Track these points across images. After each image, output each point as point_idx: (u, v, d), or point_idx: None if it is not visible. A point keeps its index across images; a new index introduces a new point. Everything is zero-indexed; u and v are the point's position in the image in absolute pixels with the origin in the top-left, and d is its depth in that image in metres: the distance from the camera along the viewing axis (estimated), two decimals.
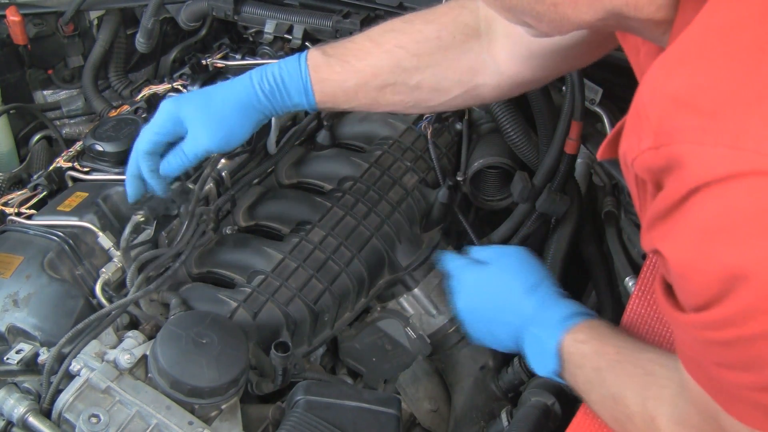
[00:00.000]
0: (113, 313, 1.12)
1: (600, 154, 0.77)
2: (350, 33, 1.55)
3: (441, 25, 1.16)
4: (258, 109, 1.19)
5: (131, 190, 1.22)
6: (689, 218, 0.59)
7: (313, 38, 1.63)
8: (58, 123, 1.92)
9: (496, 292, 1.11)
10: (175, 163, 1.19)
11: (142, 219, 1.21)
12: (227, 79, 1.55)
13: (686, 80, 0.61)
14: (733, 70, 0.59)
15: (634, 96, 0.65)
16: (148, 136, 1.18)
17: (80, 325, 1.08)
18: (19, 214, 1.28)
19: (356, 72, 1.18)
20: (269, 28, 1.63)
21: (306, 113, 1.55)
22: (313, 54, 1.19)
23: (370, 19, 1.55)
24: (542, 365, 1.04)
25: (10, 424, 1.02)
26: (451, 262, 1.18)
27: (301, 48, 1.63)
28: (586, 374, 0.98)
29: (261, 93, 1.18)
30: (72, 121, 1.95)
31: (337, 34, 1.57)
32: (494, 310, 1.11)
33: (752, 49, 0.59)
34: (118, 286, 1.21)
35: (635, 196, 0.70)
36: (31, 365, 1.09)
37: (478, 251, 1.18)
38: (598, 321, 1.02)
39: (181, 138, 1.19)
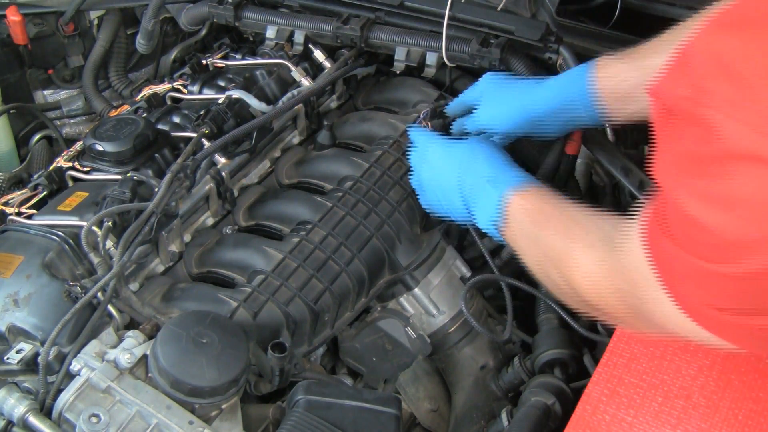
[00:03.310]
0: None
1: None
2: (351, 39, 1.55)
3: None
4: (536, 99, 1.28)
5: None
6: (714, 187, 0.65)
7: (314, 43, 1.63)
8: (58, 123, 1.93)
9: (458, 160, 1.22)
10: (460, 126, 1.39)
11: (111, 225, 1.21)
12: (229, 78, 1.56)
13: (736, 44, 0.63)
14: None
15: (687, 38, 0.67)
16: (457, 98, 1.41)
17: (67, 316, 1.08)
18: (19, 214, 1.27)
19: (638, 69, 1.17)
20: (271, 33, 1.63)
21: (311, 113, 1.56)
22: (604, 57, 1.23)
23: (370, 23, 1.55)
24: (485, 217, 1.14)
25: (10, 423, 1.02)
26: (428, 136, 1.32)
27: (304, 53, 1.63)
28: (523, 228, 1.07)
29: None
30: (72, 121, 1.95)
31: (338, 39, 1.57)
32: (452, 174, 1.22)
33: None
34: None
35: (658, 123, 0.73)
36: (31, 365, 1.09)
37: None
38: (547, 189, 1.10)
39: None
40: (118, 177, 1.30)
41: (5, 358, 1.09)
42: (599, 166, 1.58)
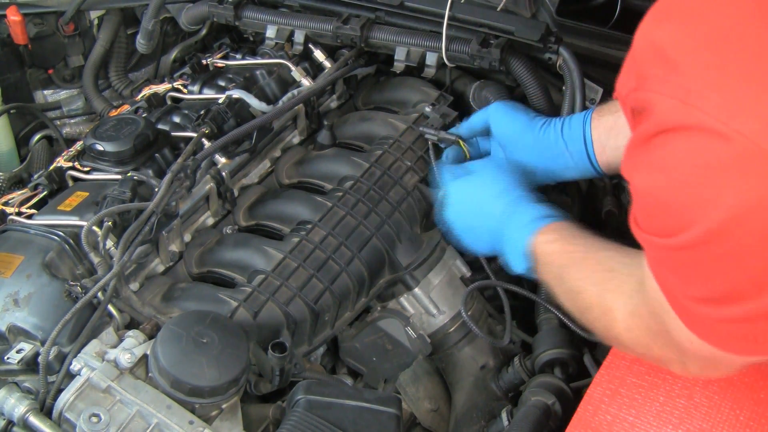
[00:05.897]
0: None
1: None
2: (351, 39, 1.55)
3: None
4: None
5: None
6: (652, 158, 0.71)
7: (314, 43, 1.63)
8: (58, 123, 1.93)
9: (473, 199, 1.23)
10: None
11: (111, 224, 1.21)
12: (229, 78, 1.56)
13: (669, 31, 0.70)
14: (709, 31, 0.68)
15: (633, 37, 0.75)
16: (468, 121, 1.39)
17: (68, 316, 1.08)
18: (19, 214, 1.27)
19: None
20: (271, 33, 1.63)
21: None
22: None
23: (370, 23, 1.55)
24: (517, 264, 1.13)
25: (10, 423, 1.02)
26: (445, 175, 1.29)
27: (304, 53, 1.63)
28: (553, 271, 1.07)
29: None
30: (72, 121, 1.95)
31: (338, 39, 1.57)
32: (473, 215, 1.22)
33: (735, 16, 0.67)
34: None
35: (630, 125, 0.79)
36: (31, 365, 1.09)
37: (469, 164, 1.31)
38: (566, 222, 1.10)
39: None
40: (118, 177, 1.30)
41: (5, 358, 1.09)
42: None
